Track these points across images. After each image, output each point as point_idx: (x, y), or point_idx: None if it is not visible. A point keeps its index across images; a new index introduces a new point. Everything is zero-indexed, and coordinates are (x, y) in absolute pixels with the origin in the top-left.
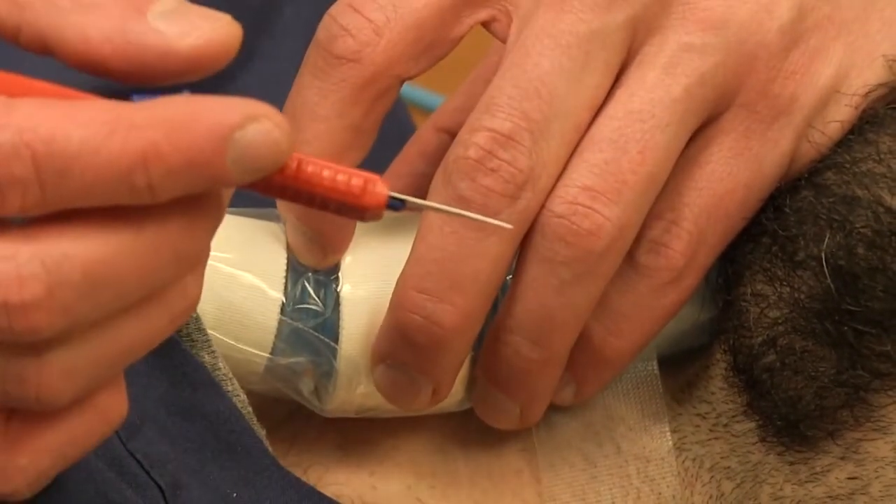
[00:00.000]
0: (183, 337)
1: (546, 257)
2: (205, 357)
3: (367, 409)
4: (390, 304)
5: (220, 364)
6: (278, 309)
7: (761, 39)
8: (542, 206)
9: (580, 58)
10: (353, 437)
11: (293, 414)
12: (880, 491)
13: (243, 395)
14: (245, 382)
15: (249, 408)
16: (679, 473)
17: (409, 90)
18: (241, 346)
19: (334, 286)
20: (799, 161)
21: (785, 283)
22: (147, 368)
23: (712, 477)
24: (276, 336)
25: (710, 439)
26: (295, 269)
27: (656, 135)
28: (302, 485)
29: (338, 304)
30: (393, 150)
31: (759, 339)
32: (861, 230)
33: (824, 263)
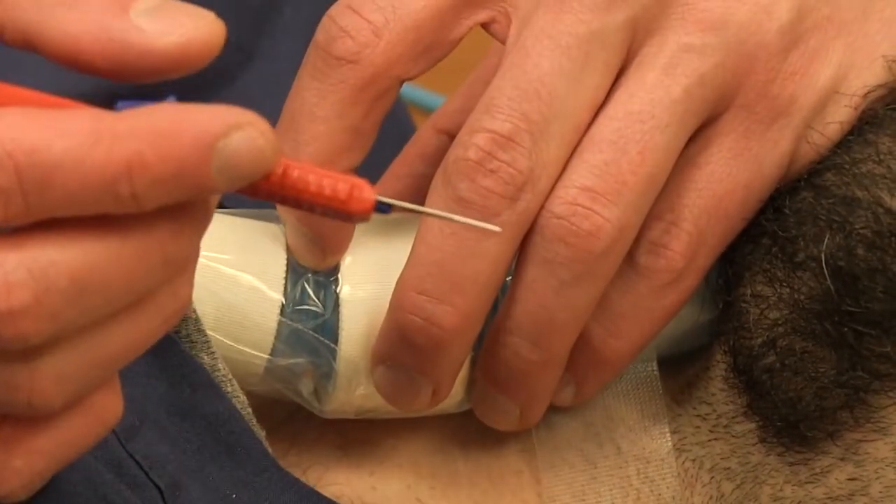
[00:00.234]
0: (182, 338)
1: (546, 258)
2: (204, 358)
3: (367, 410)
4: (390, 305)
5: (220, 365)
6: (278, 310)
7: (760, 40)
8: (542, 207)
9: (580, 59)
10: (353, 438)
11: (293, 415)
12: (880, 492)
13: (243, 397)
14: (244, 384)
15: (249, 409)
16: (679, 474)
17: (409, 90)
18: (240, 347)
19: (334, 287)
20: (798, 162)
21: (785, 284)
22: (146, 369)
23: (712, 478)
24: (276, 337)
25: (710, 440)
26: (294, 271)
27: (656, 136)
28: (301, 486)
29: (337, 306)
30: (393, 151)
31: (759, 340)
32: (861, 231)
33: (824, 264)
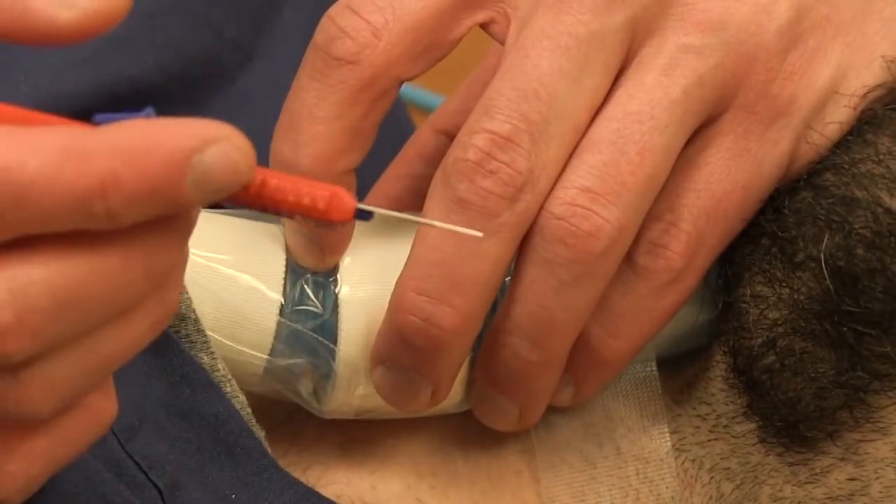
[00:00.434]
0: (182, 338)
1: (545, 259)
2: (204, 358)
3: (366, 410)
4: (389, 305)
5: (219, 365)
6: (277, 310)
7: (760, 40)
8: (542, 207)
9: (579, 59)
10: (353, 437)
11: (292, 414)
12: (880, 492)
13: (242, 397)
14: (244, 384)
15: (248, 409)
16: (678, 474)
17: (408, 90)
18: (239, 347)
19: (333, 288)
20: (798, 162)
21: (784, 284)
22: (146, 370)
23: (712, 478)
24: (275, 337)
25: (710, 440)
26: (294, 271)
27: (655, 136)
28: (301, 486)
29: (336, 306)
30: (392, 151)
31: (759, 340)
32: (860, 231)
33: (823, 264)
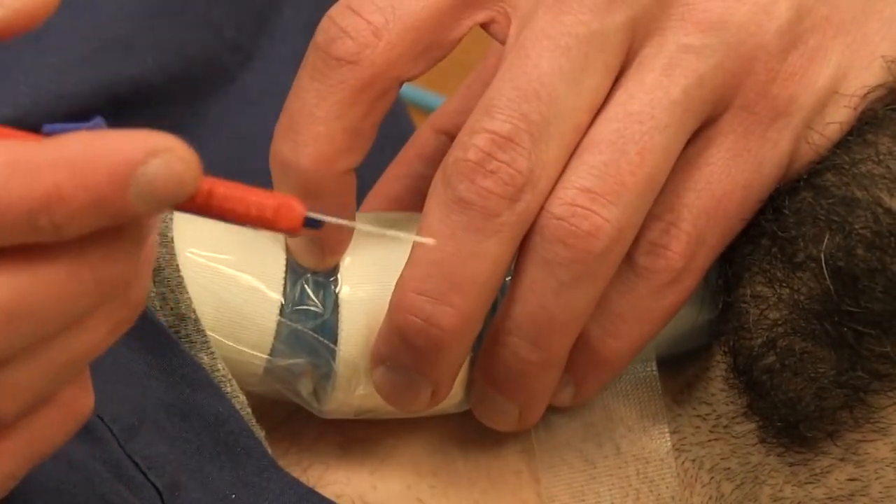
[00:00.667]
0: (182, 338)
1: (545, 259)
2: (204, 358)
3: (366, 410)
4: (389, 305)
5: (219, 365)
6: (277, 310)
7: (760, 41)
8: (542, 207)
9: (579, 59)
10: (354, 437)
11: (292, 414)
12: (880, 492)
13: (242, 397)
14: (244, 384)
15: (248, 409)
16: (678, 474)
17: (408, 90)
18: (240, 347)
19: (333, 288)
20: (798, 162)
21: (784, 284)
22: (146, 369)
23: (712, 478)
24: (275, 337)
25: (710, 440)
26: (294, 271)
27: (655, 136)
28: (301, 486)
29: (337, 306)
30: (392, 151)
31: (759, 340)
32: (860, 231)
33: (823, 265)
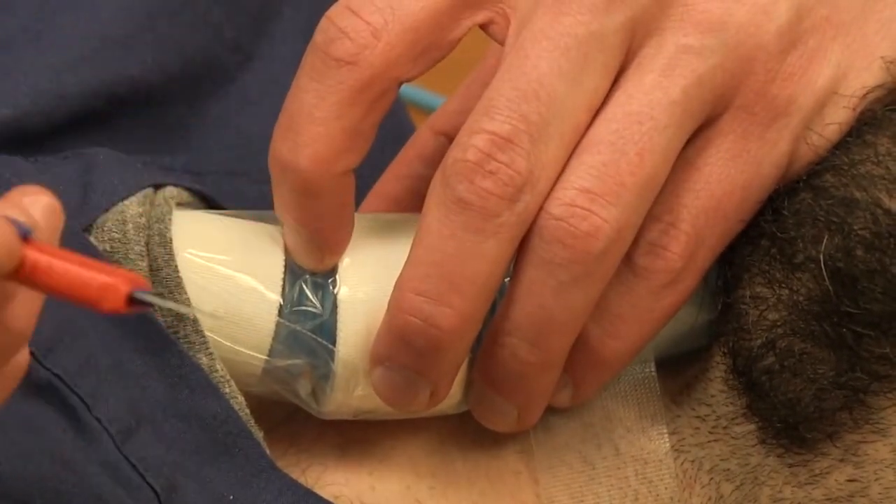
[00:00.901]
0: (180, 339)
1: (544, 259)
2: (202, 359)
3: (365, 411)
4: (388, 306)
5: (218, 366)
6: (276, 311)
7: (759, 41)
8: (541, 208)
9: (578, 60)
10: (352, 438)
11: (291, 415)
12: (879, 493)
13: (241, 398)
14: (243, 385)
15: (247, 410)
16: (678, 475)
17: (408, 90)
18: (238, 348)
19: (332, 288)
20: (797, 163)
21: (784, 285)
22: (144, 370)
23: (711, 479)
24: (274, 338)
25: (710, 441)
26: (292, 272)
27: (654, 137)
28: (299, 487)
29: (335, 307)
30: (392, 152)
31: (759, 341)
32: (859, 232)
33: (823, 266)
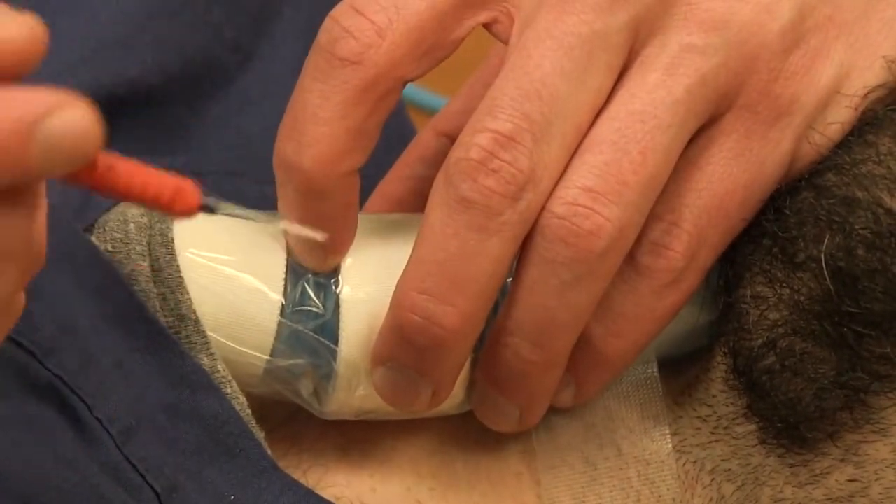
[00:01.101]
0: (182, 339)
1: (546, 258)
2: (204, 359)
3: (367, 411)
4: (391, 304)
5: (220, 366)
6: (278, 311)
7: (762, 40)
8: (543, 207)
9: (582, 59)
10: (353, 439)
11: (293, 416)
12: (880, 493)
13: (242, 398)
14: (244, 385)
15: (248, 410)
16: (679, 476)
17: (409, 90)
18: (240, 348)
19: (334, 288)
20: (799, 162)
21: (785, 284)
22: (146, 370)
23: (713, 479)
24: (276, 338)
25: (711, 442)
26: (294, 271)
27: (657, 136)
28: (300, 487)
29: (338, 307)
30: (394, 152)
31: (759, 341)
32: (861, 232)
33: (824, 265)
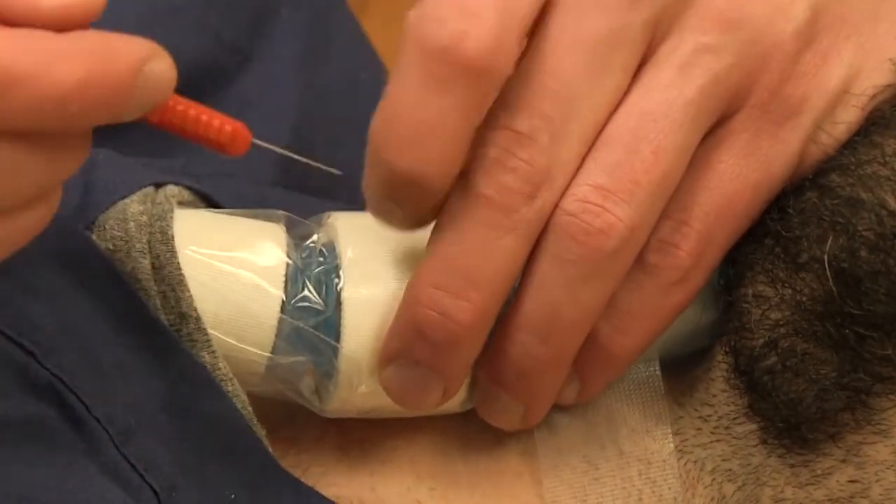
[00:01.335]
0: (183, 337)
1: (556, 255)
2: (205, 357)
3: (369, 409)
4: (404, 300)
5: (221, 364)
6: (279, 307)
7: (776, 40)
8: (556, 205)
9: (600, 58)
10: (353, 438)
11: (293, 415)
12: (880, 494)
13: (243, 396)
14: (246, 384)
15: (249, 408)
16: (681, 476)
17: None
18: (241, 345)
19: (335, 285)
20: (806, 162)
21: (787, 284)
22: (146, 368)
23: (714, 479)
24: (277, 335)
25: (712, 441)
26: (295, 269)
27: (669, 135)
28: (301, 486)
29: (339, 303)
30: None
31: (761, 340)
32: (864, 233)
33: (827, 266)
